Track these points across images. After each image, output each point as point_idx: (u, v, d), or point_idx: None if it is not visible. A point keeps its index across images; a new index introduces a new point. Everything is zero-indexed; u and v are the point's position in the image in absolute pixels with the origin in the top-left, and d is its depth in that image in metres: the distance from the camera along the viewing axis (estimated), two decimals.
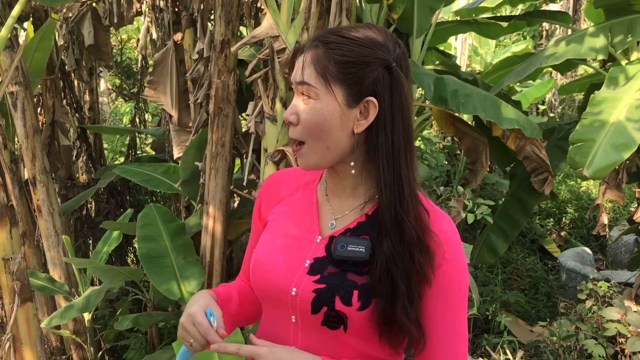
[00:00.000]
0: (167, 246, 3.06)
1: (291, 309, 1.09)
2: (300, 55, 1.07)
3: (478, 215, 3.16)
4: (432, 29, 3.94)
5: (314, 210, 1.17)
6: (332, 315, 1.04)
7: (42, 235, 3.32)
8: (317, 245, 1.12)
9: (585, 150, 2.78)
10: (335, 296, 1.04)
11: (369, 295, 1.03)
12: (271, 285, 1.11)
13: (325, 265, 1.08)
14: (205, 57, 3.36)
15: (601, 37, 3.30)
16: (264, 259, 1.14)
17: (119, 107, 9.67)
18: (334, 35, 1.04)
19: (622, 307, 3.23)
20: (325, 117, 1.03)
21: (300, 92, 1.06)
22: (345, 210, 1.14)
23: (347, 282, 1.05)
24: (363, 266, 1.05)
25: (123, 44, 7.43)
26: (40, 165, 3.23)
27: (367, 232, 1.08)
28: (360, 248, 1.04)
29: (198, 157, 3.34)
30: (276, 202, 1.23)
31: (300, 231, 1.15)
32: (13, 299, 2.63)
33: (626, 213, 6.24)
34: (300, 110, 1.06)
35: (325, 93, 1.03)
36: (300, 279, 1.09)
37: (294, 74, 1.07)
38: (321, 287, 1.06)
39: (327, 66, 1.02)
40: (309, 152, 1.07)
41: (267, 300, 1.17)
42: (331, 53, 1.02)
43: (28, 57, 3.37)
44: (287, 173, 1.29)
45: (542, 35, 9.86)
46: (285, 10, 2.65)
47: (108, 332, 3.60)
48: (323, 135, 1.04)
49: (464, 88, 3.12)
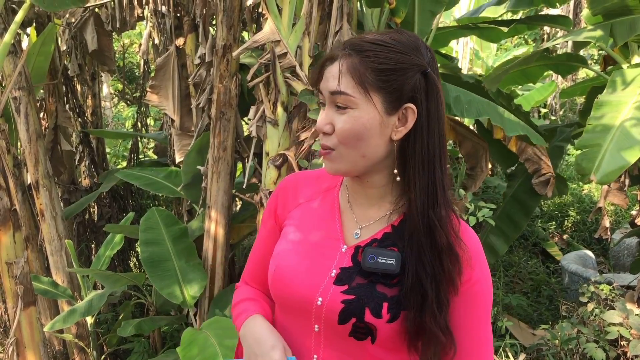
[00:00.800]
0: (170, 250, 3.07)
1: (315, 319, 1.07)
2: (330, 64, 1.04)
3: (480, 218, 3.16)
4: (433, 32, 3.95)
5: (337, 218, 1.15)
6: (360, 326, 1.03)
7: (45, 239, 3.33)
8: (342, 255, 1.10)
9: (591, 156, 2.76)
10: (365, 308, 1.03)
11: (399, 307, 1.03)
12: (294, 293, 1.09)
13: (353, 276, 1.06)
14: (207, 62, 3.38)
15: (600, 31, 3.31)
16: (286, 266, 1.11)
17: (121, 112, 9.70)
18: (367, 43, 1.03)
19: (624, 310, 3.23)
20: (365, 125, 1.02)
21: (335, 102, 1.03)
22: (370, 220, 1.12)
23: (377, 294, 1.04)
24: (392, 278, 1.04)
25: (125, 48, 7.45)
26: (43, 170, 3.24)
27: (394, 243, 1.07)
28: (390, 260, 1.04)
29: (200, 161, 3.35)
30: (294, 206, 1.20)
31: (323, 239, 1.13)
32: (16, 303, 2.64)
33: (628, 216, 6.24)
34: (337, 120, 1.03)
35: (364, 102, 1.01)
36: (326, 288, 1.07)
37: (326, 84, 1.04)
38: (350, 298, 1.04)
39: (365, 75, 1.00)
40: (340, 158, 1.05)
41: (288, 309, 1.13)
42: (367, 61, 1.01)
43: (30, 62, 3.39)
44: (305, 177, 1.25)
45: (544, 39, 9.86)
46: (287, 15, 2.67)
47: (111, 336, 3.61)
48: (360, 143, 1.03)
49: (465, 94, 3.13)
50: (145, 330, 3.05)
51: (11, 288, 2.66)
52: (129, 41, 8.68)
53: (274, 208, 1.23)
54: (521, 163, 3.48)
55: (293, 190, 1.22)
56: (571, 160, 8.49)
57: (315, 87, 1.08)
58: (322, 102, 1.08)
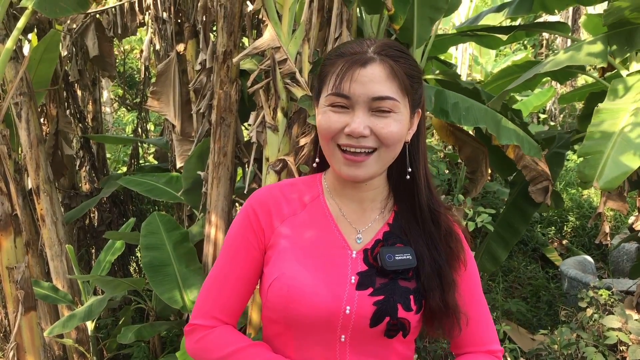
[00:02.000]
0: (170, 255, 3.08)
1: (341, 329, 1.07)
2: (361, 68, 1.03)
3: (479, 223, 3.17)
4: (432, 39, 3.98)
5: (334, 226, 1.14)
6: (394, 324, 1.06)
7: (45, 244, 3.34)
8: (354, 261, 1.11)
9: (593, 163, 2.77)
10: (397, 305, 1.07)
11: (421, 297, 1.10)
12: (318, 309, 1.06)
13: (374, 278, 1.08)
14: (208, 68, 3.40)
15: (599, 44, 3.33)
16: (301, 284, 1.07)
17: (121, 117, 9.72)
18: (394, 50, 1.06)
19: (623, 315, 3.23)
20: (403, 128, 1.07)
21: (377, 106, 1.03)
22: (367, 223, 1.15)
23: (402, 289, 1.08)
24: (408, 272, 1.10)
25: (126, 54, 7.48)
26: (43, 175, 3.26)
27: (399, 239, 1.13)
28: (407, 256, 1.09)
29: (200, 167, 3.37)
30: (279, 221, 1.14)
31: (328, 249, 1.12)
32: (17, 308, 2.65)
33: (627, 221, 6.24)
34: (377, 123, 1.04)
35: (404, 106, 1.06)
36: (350, 296, 1.07)
37: (364, 88, 1.02)
38: (380, 299, 1.06)
39: (404, 80, 1.05)
40: (377, 161, 1.07)
41: (308, 327, 1.08)
42: (402, 67, 1.05)
43: (32, 68, 3.41)
44: (279, 190, 1.19)
45: (543, 45, 9.90)
46: (287, 21, 2.69)
47: (111, 341, 3.61)
48: (398, 145, 1.08)
49: (464, 101, 3.15)
50: (145, 336, 3.05)
51: (12, 293, 2.67)
52: (129, 47, 8.70)
53: (252, 229, 1.15)
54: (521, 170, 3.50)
55: (274, 206, 1.16)
56: (570, 166, 8.50)
57: (337, 90, 1.04)
58: (341, 105, 1.05)
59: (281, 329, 1.12)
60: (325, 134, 1.07)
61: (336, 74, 1.04)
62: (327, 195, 1.18)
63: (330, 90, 1.05)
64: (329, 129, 1.05)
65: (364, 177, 1.07)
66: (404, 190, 1.16)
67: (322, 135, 1.08)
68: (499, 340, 1.23)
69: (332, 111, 1.05)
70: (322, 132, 1.07)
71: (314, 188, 1.20)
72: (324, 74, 1.09)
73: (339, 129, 1.04)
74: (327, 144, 1.08)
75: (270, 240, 1.14)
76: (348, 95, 1.03)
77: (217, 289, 1.17)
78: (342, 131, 1.04)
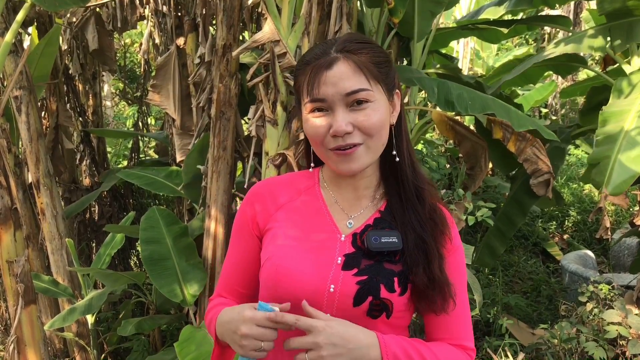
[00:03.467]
0: (170, 249, 3.08)
1: (326, 307, 1.10)
2: (327, 70, 1.08)
3: (478, 218, 3.17)
4: (432, 33, 3.96)
5: (326, 212, 1.20)
6: (376, 304, 1.09)
7: (45, 238, 3.35)
8: (342, 243, 1.15)
9: (602, 169, 2.77)
10: (380, 285, 1.10)
11: (406, 280, 1.12)
12: (304, 287, 1.11)
13: (359, 259, 1.12)
14: (207, 62, 3.39)
15: (600, 37, 3.32)
16: (289, 264, 1.13)
17: (122, 111, 9.72)
18: (353, 43, 1.11)
19: (623, 309, 3.23)
20: (384, 114, 1.11)
21: (352, 100, 1.07)
22: (359, 209, 1.20)
23: (386, 271, 1.11)
24: (395, 255, 1.13)
25: (126, 48, 7.47)
26: (44, 169, 3.26)
27: (388, 225, 1.16)
28: (392, 239, 1.12)
29: (200, 161, 3.36)
30: (275, 209, 1.22)
31: (317, 232, 1.17)
32: (17, 302, 2.66)
33: (629, 216, 6.24)
34: (357, 117, 1.08)
35: (378, 93, 1.10)
36: (335, 275, 1.11)
37: (334, 88, 1.07)
38: (363, 279, 1.10)
39: (370, 69, 1.09)
40: (367, 152, 1.11)
41: (296, 305, 1.10)
42: (365, 57, 1.09)
43: (33, 63, 3.40)
44: (276, 182, 1.28)
45: (545, 39, 9.86)
46: (286, 15, 2.68)
47: (111, 335, 3.62)
48: (383, 132, 1.11)
49: (469, 92, 3.13)
50: (146, 329, 3.06)
51: (12, 286, 2.68)
52: (130, 40, 8.69)
53: (250, 216, 1.24)
54: (522, 165, 3.48)
55: (270, 195, 1.24)
56: (571, 161, 8.49)
57: (311, 97, 1.09)
58: (319, 109, 1.10)
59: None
60: (314, 139, 1.13)
61: (307, 82, 1.10)
62: (323, 184, 1.24)
63: (306, 98, 1.11)
64: (316, 134, 1.11)
65: (359, 168, 1.12)
66: (391, 174, 1.20)
67: (312, 141, 1.15)
68: (473, 339, 1.23)
69: (314, 117, 1.11)
70: (312, 139, 1.14)
71: (311, 179, 1.26)
72: (298, 85, 1.15)
73: (325, 132, 1.10)
74: (318, 148, 1.14)
75: (267, 226, 1.21)
76: (324, 98, 1.08)
77: (225, 271, 1.31)
78: (328, 133, 1.09)
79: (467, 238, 5.56)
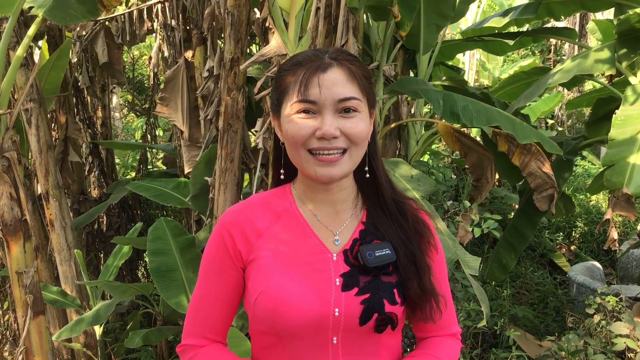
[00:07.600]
0: (177, 260, 3.09)
1: (332, 331, 1.09)
2: (322, 73, 1.07)
3: (484, 230, 3.17)
4: (438, 46, 3.99)
5: (310, 232, 1.17)
6: (382, 319, 1.10)
7: (54, 249, 3.37)
8: (335, 263, 1.13)
9: (620, 170, 2.81)
10: (383, 300, 1.10)
11: (403, 289, 1.13)
12: (308, 314, 1.08)
13: (357, 277, 1.12)
14: (215, 75, 3.43)
15: (606, 51, 3.34)
16: (287, 294, 1.08)
17: (130, 123, 9.78)
18: (347, 55, 1.13)
19: (631, 321, 3.22)
20: (368, 127, 1.12)
21: (343, 107, 1.08)
22: (342, 224, 1.19)
23: (385, 284, 1.12)
24: (388, 267, 1.13)
25: (135, 60, 7.54)
26: (53, 180, 3.29)
27: (374, 236, 1.16)
28: (385, 251, 1.13)
29: (207, 172, 3.39)
30: (256, 237, 1.15)
31: (307, 255, 1.14)
32: (26, 312, 2.68)
33: (637, 227, 6.21)
34: (345, 123, 1.08)
35: (364, 105, 1.11)
36: (337, 298, 1.09)
37: (329, 91, 1.07)
38: (366, 297, 1.10)
39: (362, 81, 1.11)
40: (350, 160, 1.11)
41: (300, 335, 1.10)
42: (358, 69, 1.11)
43: (44, 76, 3.45)
44: (250, 206, 1.21)
45: (550, 50, 9.88)
46: (293, 29, 2.71)
47: (119, 346, 3.63)
48: (365, 143, 1.13)
49: (474, 104, 3.15)
50: (153, 340, 3.07)
51: (21, 297, 2.70)
52: (138, 53, 8.77)
53: (231, 246, 1.16)
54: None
55: (247, 222, 1.17)
56: (578, 172, 8.46)
57: (303, 97, 1.07)
58: (306, 110, 1.08)
59: (272, 340, 1.14)
60: (295, 140, 1.09)
61: (299, 82, 1.08)
62: (299, 202, 1.20)
63: (296, 98, 1.08)
64: (299, 135, 1.08)
65: (340, 175, 1.10)
66: (368, 187, 1.20)
67: (292, 142, 1.10)
68: (457, 320, 1.29)
69: (300, 118, 1.08)
70: (292, 139, 1.09)
71: (284, 198, 1.22)
72: (284, 85, 1.12)
73: (310, 134, 1.07)
74: (296, 150, 1.10)
75: (250, 257, 1.15)
76: (315, 101, 1.07)
77: (203, 310, 1.20)
78: (313, 135, 1.07)
79: (474, 249, 5.55)
